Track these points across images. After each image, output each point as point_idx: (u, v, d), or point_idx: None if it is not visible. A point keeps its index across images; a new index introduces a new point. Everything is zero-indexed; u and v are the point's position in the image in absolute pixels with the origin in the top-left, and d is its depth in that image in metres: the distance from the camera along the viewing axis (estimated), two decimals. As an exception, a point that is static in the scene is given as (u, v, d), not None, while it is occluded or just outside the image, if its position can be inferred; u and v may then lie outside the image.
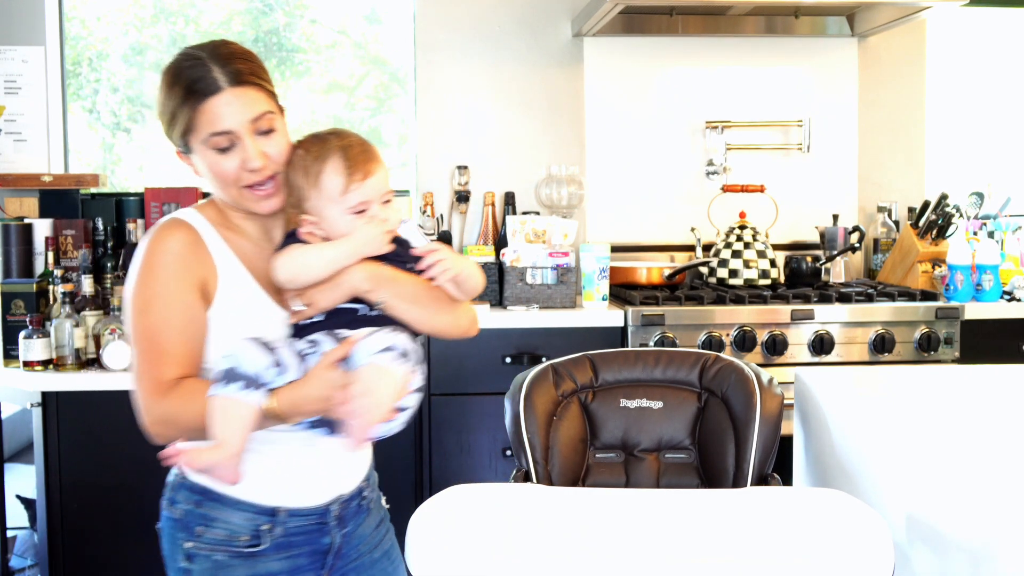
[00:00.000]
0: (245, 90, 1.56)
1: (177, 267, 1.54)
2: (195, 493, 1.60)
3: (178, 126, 1.56)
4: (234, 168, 1.55)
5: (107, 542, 2.85)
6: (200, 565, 1.59)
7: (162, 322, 1.52)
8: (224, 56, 1.56)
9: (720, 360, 2.04)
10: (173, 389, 1.52)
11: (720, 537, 1.53)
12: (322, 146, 1.57)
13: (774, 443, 1.93)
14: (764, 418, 1.91)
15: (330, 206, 1.56)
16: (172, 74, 1.56)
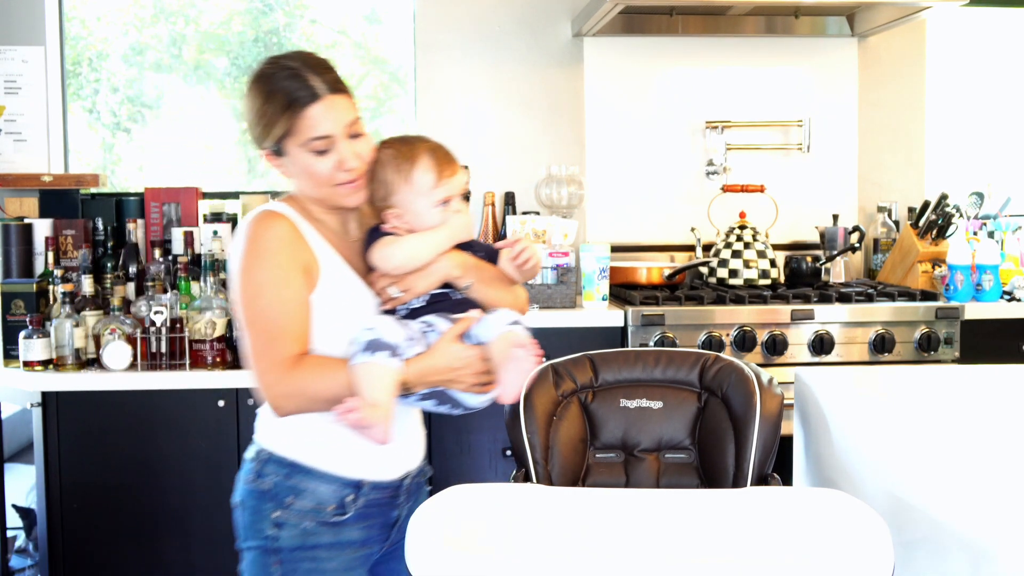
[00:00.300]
0: (340, 98, 1.71)
1: (284, 252, 1.67)
2: (284, 466, 1.72)
3: (275, 131, 1.68)
4: (329, 169, 1.69)
5: (107, 542, 2.85)
6: (288, 532, 1.71)
7: (279, 303, 1.65)
8: (316, 66, 1.70)
9: (720, 360, 2.04)
10: (299, 364, 1.65)
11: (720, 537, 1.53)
12: (411, 147, 1.76)
13: (774, 443, 1.93)
14: (764, 418, 1.91)
15: (419, 199, 1.74)
16: (268, 83, 1.68)
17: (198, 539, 2.86)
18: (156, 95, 3.97)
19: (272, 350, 1.65)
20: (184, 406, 2.84)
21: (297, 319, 1.67)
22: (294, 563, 1.72)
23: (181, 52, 3.97)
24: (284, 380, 1.64)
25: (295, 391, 1.65)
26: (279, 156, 1.72)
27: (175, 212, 3.40)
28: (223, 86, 4.00)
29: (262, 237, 1.67)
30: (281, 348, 1.64)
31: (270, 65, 1.71)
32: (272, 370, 1.65)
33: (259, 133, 1.71)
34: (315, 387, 1.65)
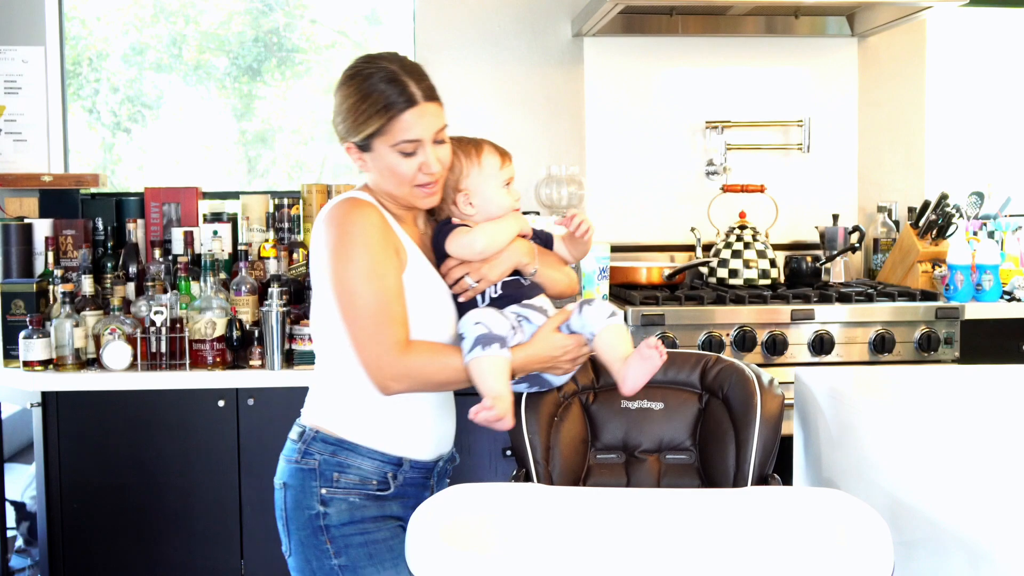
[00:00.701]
0: (433, 105, 1.80)
1: (381, 238, 1.78)
2: (330, 444, 1.82)
3: (367, 129, 1.77)
4: (412, 170, 1.79)
5: (107, 542, 2.85)
6: (336, 507, 1.81)
7: (384, 289, 1.75)
8: (413, 71, 1.80)
9: (721, 361, 2.04)
10: (410, 348, 1.76)
11: (720, 537, 1.53)
12: (472, 140, 1.92)
13: (774, 443, 1.93)
14: (764, 419, 1.91)
15: (489, 180, 1.90)
16: (367, 83, 1.77)
17: (198, 539, 2.86)
18: (156, 95, 3.97)
19: (383, 335, 1.74)
20: (184, 406, 2.84)
21: (401, 302, 1.77)
22: (346, 538, 1.81)
23: (181, 52, 3.97)
24: (397, 363, 1.74)
25: (406, 373, 1.76)
26: (364, 151, 1.80)
27: (175, 212, 3.40)
28: (223, 86, 4.00)
29: (356, 223, 1.76)
30: (392, 333, 1.74)
31: (368, 64, 1.79)
32: (386, 354, 1.74)
33: (348, 127, 1.79)
34: (426, 371, 1.78)
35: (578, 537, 1.53)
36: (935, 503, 1.72)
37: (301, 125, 4.03)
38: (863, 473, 1.94)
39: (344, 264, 1.75)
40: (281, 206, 3.40)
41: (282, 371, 2.83)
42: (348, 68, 1.83)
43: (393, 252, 1.79)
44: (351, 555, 1.81)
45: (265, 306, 2.85)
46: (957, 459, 1.67)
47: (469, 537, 1.51)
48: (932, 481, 1.73)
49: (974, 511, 1.62)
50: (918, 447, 1.77)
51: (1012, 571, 1.53)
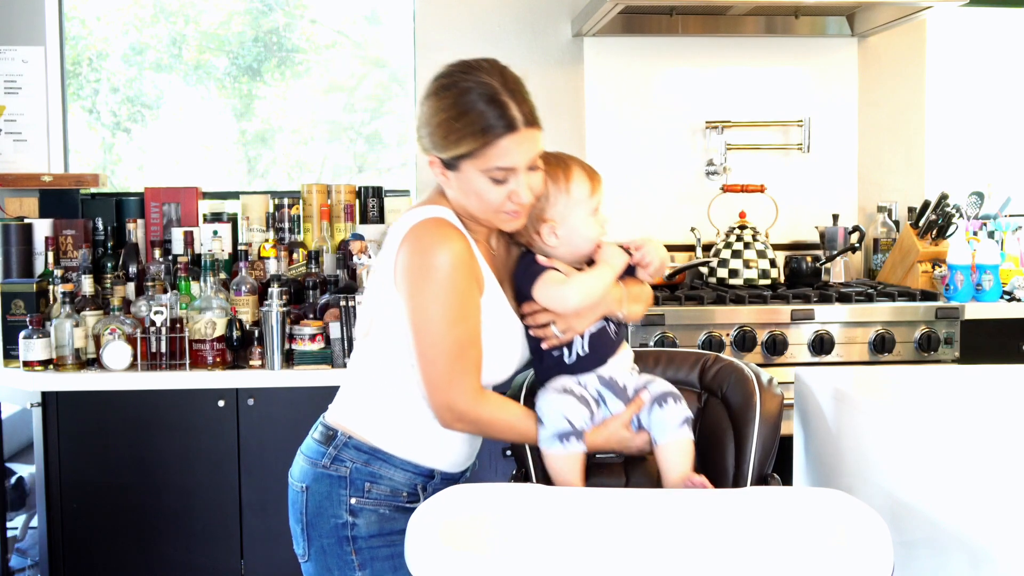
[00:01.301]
0: (533, 132, 1.67)
1: (469, 277, 1.68)
2: (364, 452, 1.76)
3: (458, 150, 1.65)
4: (501, 198, 1.68)
5: (107, 542, 2.85)
6: (366, 519, 1.75)
7: (468, 331, 1.69)
8: (515, 90, 1.66)
9: (720, 360, 2.04)
10: (482, 399, 1.72)
11: (720, 537, 1.53)
12: (560, 161, 1.79)
13: (774, 443, 1.93)
14: (764, 418, 1.91)
15: (576, 209, 1.79)
16: (464, 99, 1.64)
17: (198, 539, 2.86)
18: (156, 95, 3.97)
19: (458, 381, 1.68)
20: (184, 406, 2.84)
21: (479, 345, 1.71)
22: (372, 550, 1.76)
23: (181, 52, 3.97)
24: (466, 411, 1.70)
25: (473, 421, 1.72)
26: (449, 169, 1.69)
27: (175, 212, 3.40)
28: (223, 86, 4.00)
29: (442, 255, 1.65)
30: (467, 380, 1.69)
31: (466, 76, 1.66)
32: (458, 400, 1.69)
33: (436, 142, 1.68)
34: (491, 427, 1.75)
35: (577, 537, 1.53)
36: (935, 503, 1.72)
37: (301, 125, 4.03)
38: (863, 473, 1.94)
39: (427, 299, 1.66)
40: (281, 206, 3.40)
41: (282, 371, 2.83)
42: (442, 76, 1.69)
43: (476, 287, 1.71)
44: (376, 568, 1.76)
45: (265, 306, 2.85)
46: (957, 459, 1.67)
47: (468, 537, 1.51)
48: (932, 481, 1.73)
49: (974, 511, 1.62)
50: (918, 447, 1.77)
51: (1012, 571, 1.53)
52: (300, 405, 2.82)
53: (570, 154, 1.83)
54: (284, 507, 2.86)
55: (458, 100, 1.64)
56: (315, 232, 3.42)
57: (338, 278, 3.08)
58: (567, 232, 1.79)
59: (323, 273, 3.20)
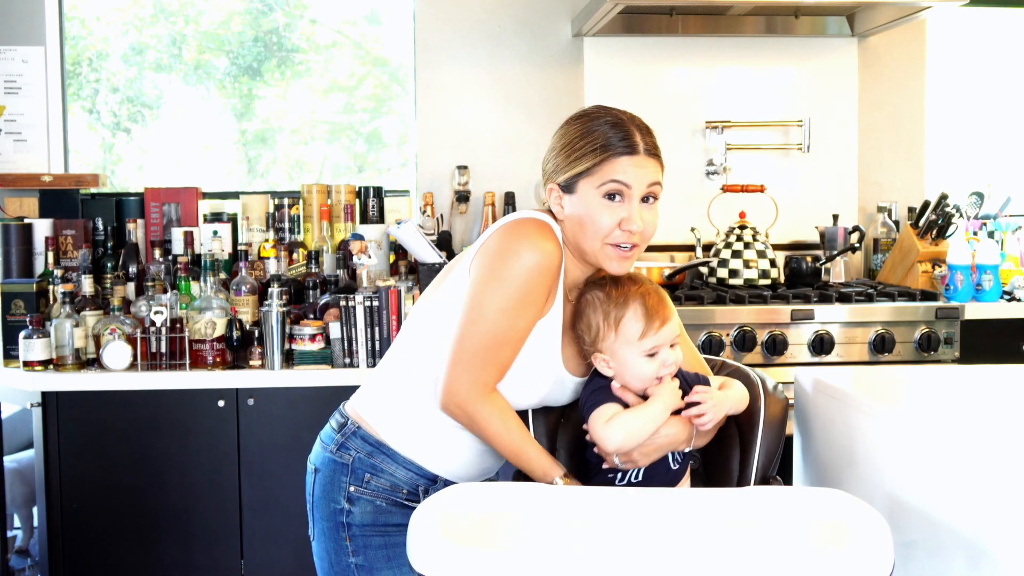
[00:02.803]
0: (653, 161, 1.73)
1: (542, 284, 1.68)
2: (369, 444, 1.79)
3: (577, 167, 1.70)
4: (612, 221, 1.69)
5: (107, 542, 2.85)
6: (361, 508, 1.79)
7: (510, 331, 1.68)
8: (643, 127, 1.76)
9: (727, 366, 2.03)
10: (491, 398, 1.71)
11: (720, 537, 1.53)
12: (622, 291, 1.73)
13: (777, 447, 1.93)
14: (768, 423, 1.91)
15: (626, 348, 1.72)
16: (590, 122, 1.74)
17: (198, 539, 2.86)
18: (156, 95, 3.97)
19: (478, 369, 1.69)
20: (184, 406, 2.84)
21: (514, 352, 1.70)
22: (366, 538, 1.79)
23: (181, 52, 3.97)
24: (469, 400, 1.70)
25: (470, 413, 1.72)
26: (566, 192, 1.72)
27: (175, 212, 3.40)
28: (223, 86, 4.00)
29: (530, 253, 1.67)
30: (486, 372, 1.70)
31: (597, 109, 1.77)
32: (467, 386, 1.70)
33: (558, 164, 1.73)
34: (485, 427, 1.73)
35: (579, 536, 1.53)
36: (935, 503, 1.72)
37: (301, 125, 4.03)
38: (863, 473, 1.94)
39: (493, 282, 1.67)
40: (281, 206, 3.40)
41: (282, 371, 2.83)
42: (579, 112, 1.80)
43: (539, 307, 1.70)
44: (369, 556, 1.79)
45: (265, 306, 2.85)
46: (957, 459, 1.67)
47: (471, 534, 1.51)
48: (932, 481, 1.73)
49: (974, 511, 1.62)
50: (918, 447, 1.77)
51: (1012, 571, 1.53)
52: (300, 405, 2.82)
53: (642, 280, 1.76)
54: (284, 507, 2.86)
55: (586, 124, 1.74)
56: (315, 232, 3.42)
57: (338, 278, 3.08)
58: (619, 367, 1.74)
59: (323, 273, 3.20)
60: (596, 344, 1.74)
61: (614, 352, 1.74)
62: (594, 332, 1.74)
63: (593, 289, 1.75)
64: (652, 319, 1.72)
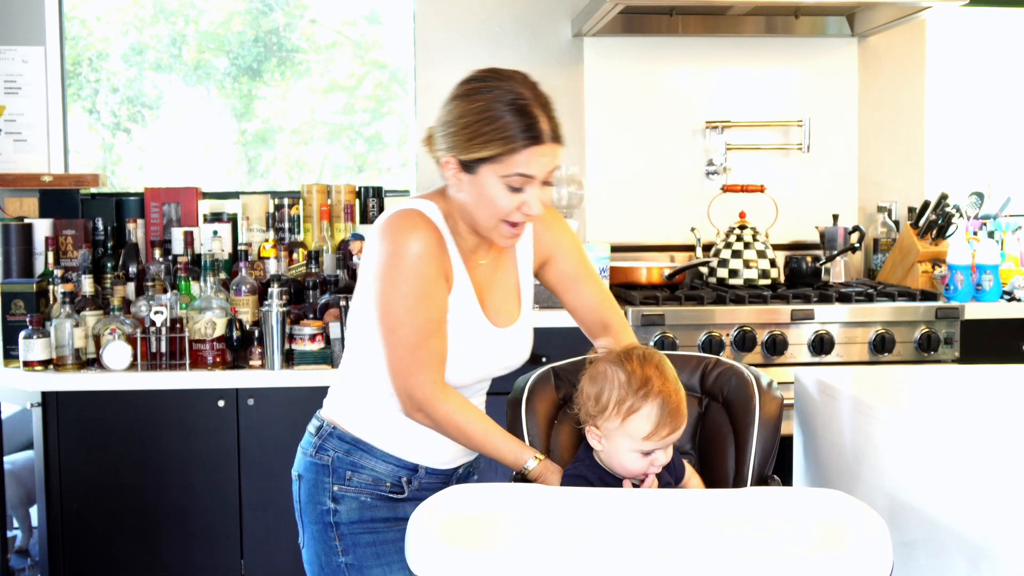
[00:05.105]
0: (557, 147, 1.72)
1: (432, 264, 1.70)
2: (346, 442, 1.81)
3: (482, 152, 1.66)
4: (511, 206, 1.69)
5: (107, 542, 2.85)
6: (347, 506, 1.80)
7: (429, 322, 1.70)
8: (545, 104, 1.72)
9: (721, 364, 2.03)
10: (447, 396, 1.73)
11: (720, 537, 1.53)
12: (645, 384, 1.67)
13: (773, 446, 1.93)
14: (763, 421, 1.91)
15: (625, 440, 1.68)
16: (494, 105, 1.68)
17: (198, 539, 2.86)
18: (156, 95, 3.97)
19: (425, 372, 1.70)
20: (184, 406, 2.84)
21: (443, 337, 1.72)
22: (354, 536, 1.80)
23: (181, 52, 3.97)
24: (428, 404, 1.72)
25: (432, 416, 1.73)
26: (465, 171, 1.69)
27: (175, 212, 3.40)
28: (223, 86, 4.00)
29: (410, 245, 1.68)
30: (432, 372, 1.71)
31: (500, 84, 1.71)
32: (421, 390, 1.71)
33: (456, 143, 1.69)
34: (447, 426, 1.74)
35: (577, 537, 1.53)
36: (935, 503, 1.72)
37: (301, 125, 4.03)
38: (863, 473, 1.94)
39: (390, 285, 1.69)
40: (281, 206, 3.40)
41: (282, 371, 2.83)
42: (474, 80, 1.74)
43: (442, 279, 1.72)
44: (358, 554, 1.80)
45: (265, 306, 2.85)
46: (957, 459, 1.67)
47: (468, 536, 1.51)
48: (932, 481, 1.73)
49: (974, 511, 1.62)
50: (918, 447, 1.77)
51: (1012, 571, 1.53)
52: (300, 405, 2.81)
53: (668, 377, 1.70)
54: (284, 507, 2.86)
55: (490, 104, 1.68)
56: (315, 232, 3.42)
57: (338, 278, 3.08)
58: (610, 449, 1.71)
59: (323, 273, 3.20)
60: (596, 419, 1.71)
61: (611, 435, 1.70)
62: (600, 408, 1.69)
63: (614, 364, 1.71)
64: (663, 427, 1.67)
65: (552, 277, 1.94)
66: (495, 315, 1.82)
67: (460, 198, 1.73)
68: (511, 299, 1.86)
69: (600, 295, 1.96)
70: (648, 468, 1.71)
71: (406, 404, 1.74)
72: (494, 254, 1.84)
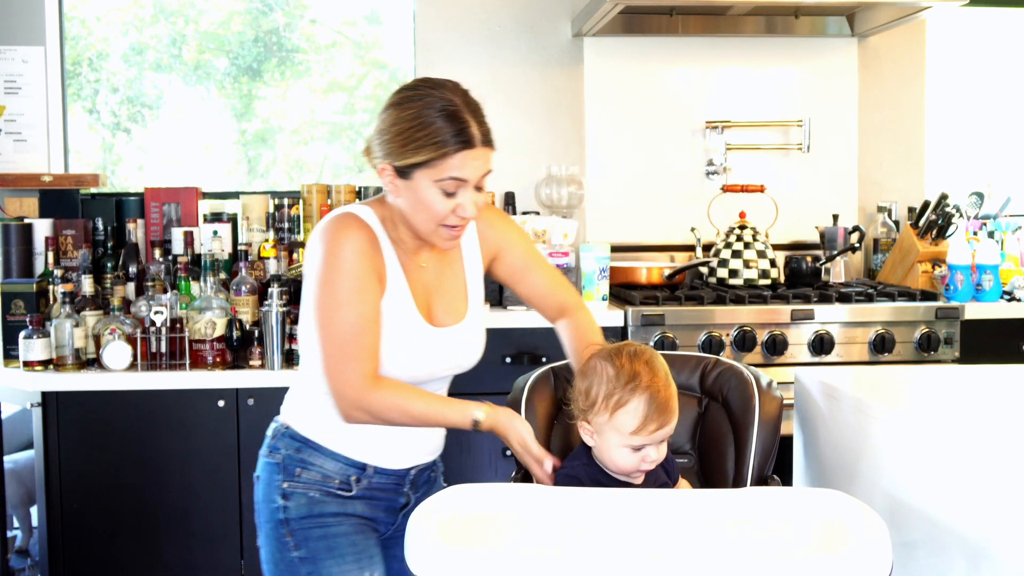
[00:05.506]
0: (487, 151, 1.74)
1: (363, 263, 1.74)
2: (296, 441, 1.84)
3: (416, 157, 1.70)
4: (446, 209, 1.73)
5: (107, 542, 2.85)
6: (296, 501, 1.82)
7: (360, 317, 1.73)
8: (475, 110, 1.73)
9: (720, 364, 2.03)
10: (377, 385, 1.74)
11: (719, 537, 1.53)
12: (633, 378, 1.68)
13: (773, 445, 1.93)
14: (763, 421, 1.91)
15: (614, 435, 1.69)
16: (426, 111, 1.69)
17: (198, 539, 2.86)
18: (156, 95, 3.97)
19: (351, 366, 1.73)
20: (184, 406, 2.84)
21: (374, 334, 1.75)
22: (305, 531, 1.82)
23: (181, 52, 3.97)
24: (360, 397, 1.73)
25: (367, 408, 1.74)
26: (401, 177, 1.73)
27: (175, 212, 3.40)
28: (223, 86, 4.00)
29: (344, 246, 1.73)
30: (359, 365, 1.73)
31: (432, 91, 1.72)
32: (350, 385, 1.73)
33: (391, 150, 1.72)
34: (388, 413, 1.76)
35: (577, 537, 1.53)
36: (935, 503, 1.72)
37: (301, 125, 4.03)
38: (863, 473, 1.94)
39: (326, 288, 1.74)
40: (281, 206, 3.40)
41: (282, 371, 2.83)
42: (406, 89, 1.76)
43: (374, 277, 1.76)
44: (310, 548, 1.82)
45: (265, 306, 2.85)
46: (957, 459, 1.67)
47: (468, 536, 1.51)
48: (932, 481, 1.73)
49: (973, 511, 1.62)
50: (918, 447, 1.77)
51: (1012, 571, 1.53)
52: (300, 405, 2.81)
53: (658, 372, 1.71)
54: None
55: (421, 112, 1.70)
56: (315, 232, 3.41)
57: (338, 278, 3.08)
58: (602, 445, 1.72)
59: (323, 273, 3.19)
60: (587, 414, 1.72)
61: (601, 430, 1.71)
62: (589, 403, 1.71)
63: (604, 359, 1.73)
64: (650, 421, 1.67)
65: (503, 272, 1.98)
66: (441, 315, 1.86)
67: (398, 204, 1.77)
68: (458, 299, 1.89)
69: (552, 279, 2.00)
70: (639, 465, 1.71)
71: (341, 405, 1.76)
72: (437, 256, 1.87)
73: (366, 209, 1.81)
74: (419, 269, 1.84)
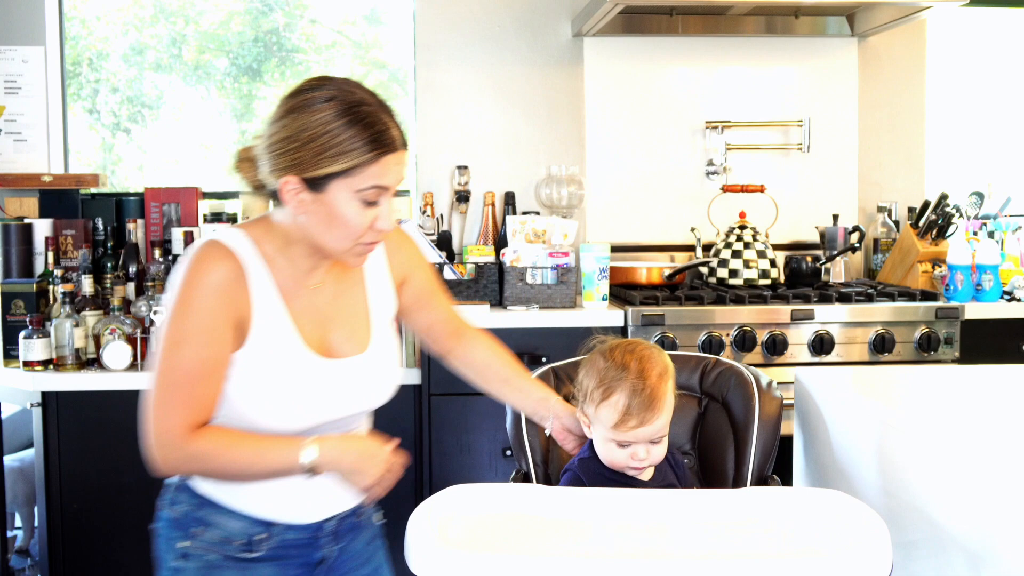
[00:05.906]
0: (405, 154, 1.57)
1: (216, 304, 1.52)
2: (196, 496, 1.62)
3: (331, 167, 1.50)
4: (365, 223, 1.54)
5: (107, 542, 2.85)
6: (193, 564, 1.61)
7: (197, 363, 1.51)
8: (389, 109, 1.55)
9: (720, 364, 2.03)
10: (197, 436, 1.52)
11: (719, 537, 1.53)
12: (621, 371, 1.65)
13: (773, 445, 1.93)
14: (763, 421, 1.91)
15: (599, 428, 1.69)
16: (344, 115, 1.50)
17: (198, 539, 2.86)
18: (156, 95, 3.97)
19: (180, 413, 1.52)
20: (184, 406, 2.84)
21: (212, 384, 1.54)
22: None
23: (181, 52, 3.97)
24: (183, 445, 1.52)
25: (191, 457, 1.54)
26: (312, 191, 1.52)
27: (175, 212, 3.40)
28: (223, 86, 4.00)
29: (197, 282, 1.52)
30: (189, 413, 1.52)
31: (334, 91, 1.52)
32: (167, 433, 1.52)
33: (300, 160, 1.51)
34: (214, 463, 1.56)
35: (577, 537, 1.53)
36: (934, 503, 1.72)
37: (301, 125, 4.02)
38: (863, 473, 1.94)
39: (173, 325, 1.52)
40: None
41: (282, 371, 2.82)
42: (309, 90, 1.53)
43: (227, 322, 1.53)
44: None
45: (265, 306, 2.84)
46: (956, 459, 1.67)
47: (468, 537, 1.51)
48: (932, 481, 1.73)
49: (973, 511, 1.62)
50: (918, 447, 1.77)
51: (1011, 571, 1.53)
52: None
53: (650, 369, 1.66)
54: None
55: (337, 115, 1.50)
56: (315, 232, 3.41)
57: (338, 278, 3.08)
58: (594, 437, 1.72)
59: (323, 273, 3.19)
60: (583, 405, 1.73)
61: (592, 422, 1.71)
62: (583, 394, 1.71)
63: (602, 351, 1.71)
64: (630, 416, 1.64)
65: (408, 298, 1.80)
66: (339, 345, 1.64)
67: (301, 221, 1.56)
68: (359, 325, 1.68)
69: (448, 304, 1.87)
70: (629, 462, 1.69)
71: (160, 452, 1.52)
72: (334, 276, 1.67)
73: (238, 235, 1.58)
74: (311, 293, 1.63)
